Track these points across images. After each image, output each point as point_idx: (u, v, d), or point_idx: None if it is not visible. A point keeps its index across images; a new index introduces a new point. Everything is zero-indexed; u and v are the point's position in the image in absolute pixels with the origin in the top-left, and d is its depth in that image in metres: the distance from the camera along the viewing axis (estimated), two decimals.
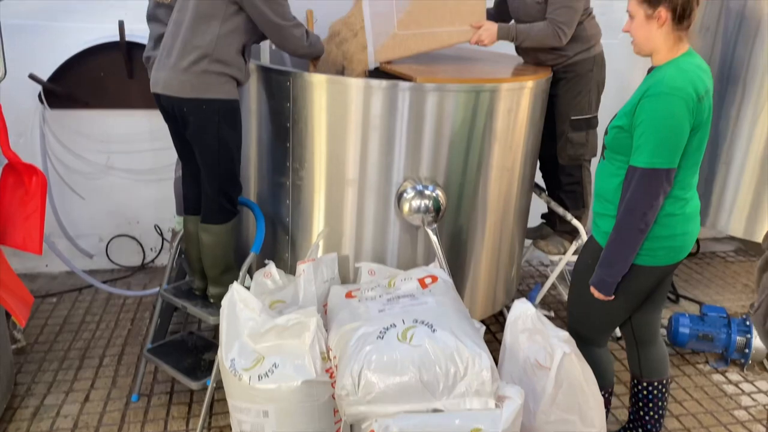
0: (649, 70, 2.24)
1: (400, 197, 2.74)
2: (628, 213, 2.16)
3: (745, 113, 3.45)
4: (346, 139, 2.74)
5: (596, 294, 2.33)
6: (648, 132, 2.07)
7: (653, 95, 2.07)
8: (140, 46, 3.85)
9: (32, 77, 3.70)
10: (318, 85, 2.70)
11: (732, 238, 5.14)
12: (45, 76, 3.77)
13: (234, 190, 2.75)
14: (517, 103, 2.88)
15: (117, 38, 3.80)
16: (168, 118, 2.69)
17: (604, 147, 2.35)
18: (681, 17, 2.08)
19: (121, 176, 4.16)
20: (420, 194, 2.71)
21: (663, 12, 2.08)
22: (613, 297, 2.31)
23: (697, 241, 4.96)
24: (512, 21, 3.31)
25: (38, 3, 3.78)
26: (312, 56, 2.81)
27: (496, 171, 2.93)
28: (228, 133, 2.59)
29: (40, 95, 3.80)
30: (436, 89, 2.68)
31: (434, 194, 2.72)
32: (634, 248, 2.20)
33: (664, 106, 2.04)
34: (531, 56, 3.30)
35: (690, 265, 4.87)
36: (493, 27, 3.01)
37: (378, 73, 2.91)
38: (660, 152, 2.07)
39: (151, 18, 3.02)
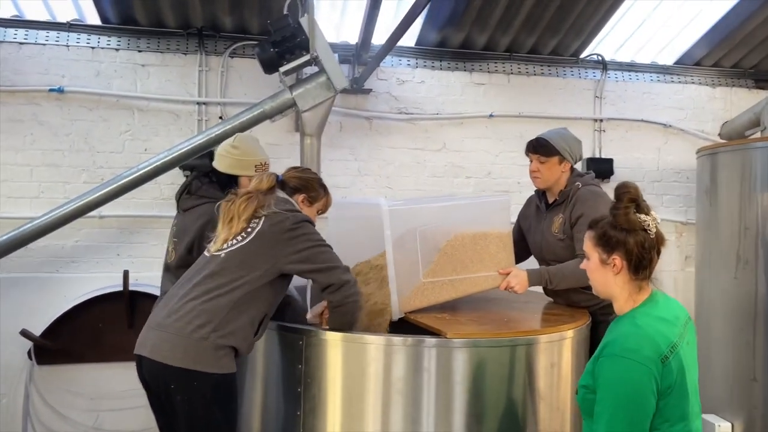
0: (613, 318, 1.98)
1: None
2: None
3: None
4: (365, 407, 2.38)
5: None
6: (604, 399, 1.78)
7: (607, 356, 1.80)
8: (144, 295, 3.70)
9: (24, 333, 3.45)
10: (333, 344, 2.41)
11: None
12: (39, 329, 3.53)
13: None
14: (559, 356, 2.56)
15: (120, 287, 3.63)
16: (148, 391, 2.32)
17: (578, 406, 1.99)
18: (638, 267, 1.87)
19: None
20: None
21: (618, 260, 1.87)
22: None
23: None
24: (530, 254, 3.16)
25: (44, 256, 3.70)
26: (345, 318, 2.39)
27: None
28: (220, 414, 2.22)
29: (29, 352, 3.52)
30: (465, 345, 2.37)
31: None
32: None
33: (617, 372, 1.76)
34: (562, 297, 3.05)
35: None
36: (522, 274, 2.81)
37: (402, 324, 2.64)
38: (617, 425, 1.74)
39: None
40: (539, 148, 2.98)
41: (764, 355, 3.28)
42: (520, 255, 3.23)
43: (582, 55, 4.51)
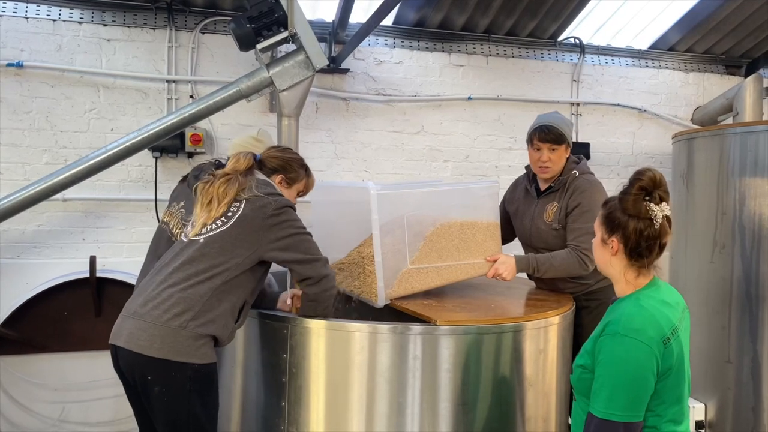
0: (613, 301, 1.97)
1: None
2: None
3: None
4: (352, 396, 2.31)
5: None
6: (604, 376, 1.76)
7: (609, 335, 1.79)
8: (112, 282, 3.54)
9: None
10: (319, 333, 2.33)
11: None
12: (0, 318, 3.35)
13: None
14: (545, 342, 2.53)
15: (86, 274, 3.47)
16: (126, 384, 2.20)
17: (571, 387, 1.98)
18: (633, 252, 1.86)
19: (75, 430, 3.55)
20: None
21: (615, 242, 1.87)
22: None
23: None
24: (516, 239, 3.12)
25: (4, 241, 3.50)
26: (318, 310, 2.35)
27: (531, 423, 2.48)
28: (201, 406, 2.12)
29: None
30: (452, 332, 2.32)
31: None
32: None
33: (620, 350, 1.75)
34: (547, 283, 3.01)
35: None
36: (510, 260, 2.76)
37: (387, 311, 2.57)
38: (616, 402, 1.72)
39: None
40: (551, 136, 2.78)
41: (738, 338, 3.32)
42: (505, 238, 3.17)
43: (560, 38, 4.46)
